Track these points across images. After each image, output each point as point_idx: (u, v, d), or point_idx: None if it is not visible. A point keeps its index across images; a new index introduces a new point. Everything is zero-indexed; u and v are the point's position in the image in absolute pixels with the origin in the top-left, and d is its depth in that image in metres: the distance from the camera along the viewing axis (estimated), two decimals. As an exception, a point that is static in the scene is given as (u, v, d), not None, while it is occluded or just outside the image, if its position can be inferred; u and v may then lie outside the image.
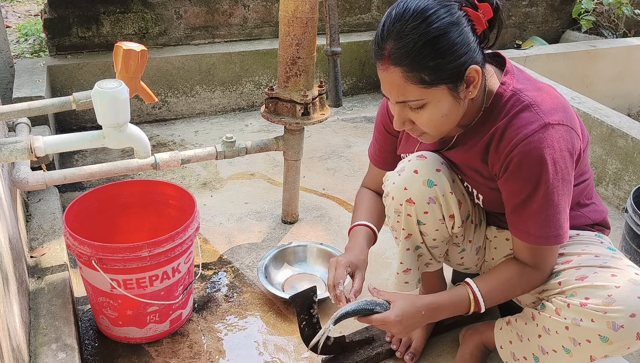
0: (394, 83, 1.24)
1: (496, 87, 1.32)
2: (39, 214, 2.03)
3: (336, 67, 2.10)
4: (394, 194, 1.46)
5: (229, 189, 2.53)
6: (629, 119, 2.51)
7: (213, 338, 1.75)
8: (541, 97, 1.29)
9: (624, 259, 1.35)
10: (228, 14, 3.23)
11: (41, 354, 1.44)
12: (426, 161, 1.42)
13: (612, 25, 3.93)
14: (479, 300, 1.37)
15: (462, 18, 1.21)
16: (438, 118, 1.27)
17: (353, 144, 2.95)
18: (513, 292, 1.40)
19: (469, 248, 1.57)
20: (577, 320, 1.24)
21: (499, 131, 1.29)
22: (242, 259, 2.10)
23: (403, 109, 1.29)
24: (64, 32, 2.96)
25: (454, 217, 1.45)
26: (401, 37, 1.20)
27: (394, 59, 1.21)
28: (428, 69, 1.20)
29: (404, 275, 1.57)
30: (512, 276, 1.37)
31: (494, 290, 1.38)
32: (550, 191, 1.26)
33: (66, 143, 1.35)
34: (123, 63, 1.62)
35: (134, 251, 1.54)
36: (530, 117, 1.26)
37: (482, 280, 1.40)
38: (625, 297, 1.20)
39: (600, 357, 1.27)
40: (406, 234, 1.50)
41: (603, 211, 1.50)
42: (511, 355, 1.46)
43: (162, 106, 3.13)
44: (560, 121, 1.25)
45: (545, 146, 1.23)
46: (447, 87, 1.23)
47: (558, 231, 1.30)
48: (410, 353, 1.65)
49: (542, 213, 1.28)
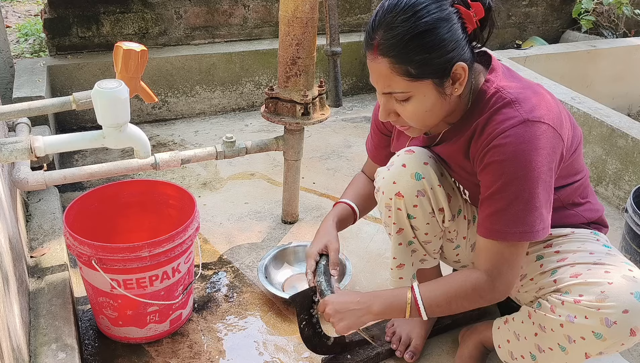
0: (381, 73, 1.26)
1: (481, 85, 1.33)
2: (39, 214, 2.03)
3: (336, 67, 2.10)
4: (384, 189, 1.49)
5: (229, 189, 2.53)
6: (629, 119, 2.51)
7: (213, 338, 1.75)
8: (525, 94, 1.28)
9: (619, 256, 1.35)
10: (228, 14, 3.23)
11: (41, 354, 1.44)
12: (414, 155, 1.44)
13: (612, 25, 3.93)
14: (418, 305, 1.35)
15: (452, 15, 1.22)
16: (422, 112, 1.29)
17: (353, 144, 2.95)
18: (459, 301, 1.35)
19: (463, 245, 1.57)
20: (571, 317, 1.25)
21: (480, 125, 1.30)
22: (242, 259, 2.10)
23: (389, 100, 1.31)
24: (64, 32, 2.96)
25: (443, 211, 1.47)
26: (390, 29, 1.22)
27: (382, 50, 1.23)
28: (414, 63, 1.22)
29: (398, 270, 1.59)
30: (460, 284, 1.34)
31: (437, 296, 1.35)
32: (522, 188, 1.24)
33: (66, 143, 1.35)
34: (123, 63, 1.62)
35: (134, 251, 1.54)
36: (510, 113, 1.26)
37: (427, 286, 1.38)
38: (618, 293, 1.20)
39: (595, 354, 1.27)
40: (397, 228, 1.52)
41: (599, 209, 1.50)
42: (509, 354, 1.46)
43: (162, 106, 3.13)
44: (540, 119, 1.24)
45: (521, 141, 1.23)
46: (432, 82, 1.24)
47: (524, 228, 1.26)
48: (410, 352, 1.66)
49: (511, 208, 1.26)
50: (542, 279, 1.37)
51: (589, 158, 2.55)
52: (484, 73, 1.35)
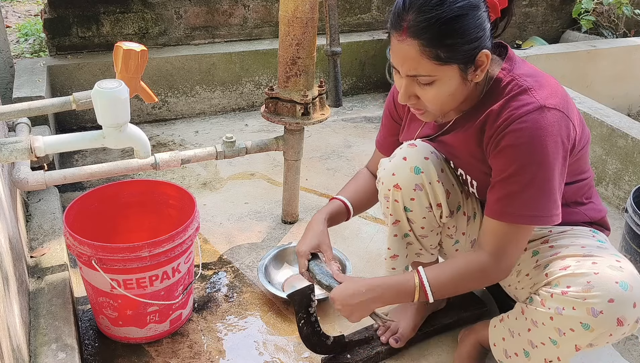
0: (408, 56, 1.25)
1: (497, 73, 1.34)
2: (39, 214, 2.03)
3: (336, 67, 2.10)
4: (384, 180, 1.51)
5: (229, 189, 2.53)
6: (629, 119, 2.51)
7: (213, 338, 1.75)
8: (540, 83, 1.30)
9: (611, 249, 1.35)
10: (228, 14, 3.23)
11: (41, 354, 1.44)
12: (415, 149, 1.45)
13: (612, 25, 3.93)
14: (425, 288, 1.35)
15: (481, 3, 1.24)
16: (444, 96, 1.29)
17: (353, 144, 2.95)
18: (465, 283, 1.38)
19: (463, 240, 1.58)
20: (560, 309, 1.25)
21: (495, 112, 1.30)
22: (242, 259, 2.10)
23: (411, 83, 1.30)
24: (64, 32, 2.96)
25: (441, 206, 1.47)
26: (424, 11, 1.21)
27: (413, 32, 1.22)
28: (445, 47, 1.22)
29: (391, 260, 1.60)
30: (465, 265, 1.36)
31: (443, 279, 1.36)
32: (537, 172, 1.25)
33: (66, 143, 1.35)
34: (123, 63, 1.62)
35: (134, 251, 1.54)
36: (527, 99, 1.27)
37: (433, 268, 1.39)
38: (603, 282, 1.21)
39: (584, 346, 1.27)
40: (394, 219, 1.53)
41: (601, 210, 1.50)
42: (503, 352, 1.47)
43: (162, 106, 3.13)
44: (556, 106, 1.26)
45: (538, 126, 1.24)
46: (458, 67, 1.25)
47: (535, 212, 1.27)
48: (395, 337, 1.67)
49: (524, 192, 1.27)
50: (536, 274, 1.38)
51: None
52: (499, 63, 1.36)
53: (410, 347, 1.71)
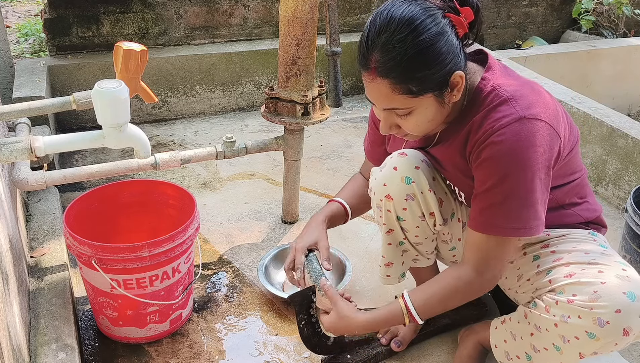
0: (381, 93, 1.25)
1: (477, 83, 1.33)
2: (39, 214, 2.03)
3: (336, 67, 2.10)
4: (375, 190, 1.50)
5: (229, 189, 2.53)
6: (629, 119, 2.51)
7: (213, 338, 1.75)
8: (521, 92, 1.28)
9: (615, 256, 1.35)
10: (228, 14, 3.23)
11: (41, 354, 1.44)
12: (406, 159, 1.44)
13: (612, 25, 3.93)
14: (412, 314, 1.37)
15: (446, 26, 1.21)
16: (424, 123, 1.30)
17: (353, 144, 2.95)
18: (452, 300, 1.38)
19: (459, 246, 1.57)
20: (565, 317, 1.24)
21: (476, 123, 1.30)
22: (242, 259, 2.10)
23: (389, 115, 1.31)
24: (64, 32, 2.96)
25: (434, 215, 1.47)
26: (388, 50, 1.20)
27: (381, 72, 1.22)
28: (416, 80, 1.21)
29: (386, 268, 1.61)
30: (449, 282, 1.37)
31: (429, 300, 1.38)
32: (518, 184, 1.24)
33: (66, 143, 1.35)
34: (123, 63, 1.62)
35: (134, 251, 1.54)
36: (507, 110, 1.25)
37: (417, 291, 1.41)
38: (610, 293, 1.20)
39: (589, 354, 1.26)
40: (387, 229, 1.54)
41: (597, 209, 1.49)
42: (505, 354, 1.46)
43: (162, 106, 3.13)
44: (537, 116, 1.24)
45: (517, 138, 1.23)
46: (433, 94, 1.24)
47: (518, 224, 1.27)
48: (397, 341, 1.67)
49: (506, 203, 1.26)
50: (538, 279, 1.37)
51: (589, 158, 2.55)
52: (480, 72, 1.34)
53: (411, 348, 1.71)
